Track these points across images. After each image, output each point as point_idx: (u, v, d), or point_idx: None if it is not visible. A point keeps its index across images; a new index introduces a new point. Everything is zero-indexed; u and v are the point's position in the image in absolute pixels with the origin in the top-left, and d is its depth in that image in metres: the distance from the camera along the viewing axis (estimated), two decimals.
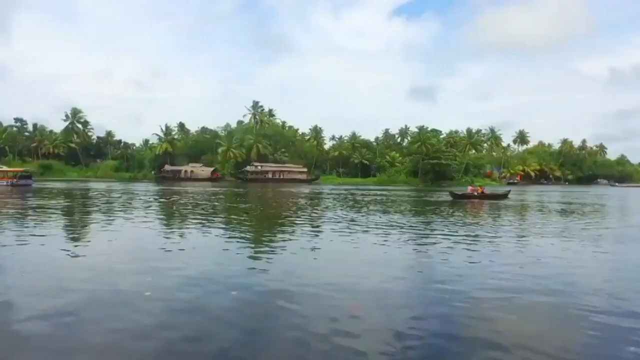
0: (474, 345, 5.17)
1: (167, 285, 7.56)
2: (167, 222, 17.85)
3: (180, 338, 5.26)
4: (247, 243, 12.54)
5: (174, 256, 10.23)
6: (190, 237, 13.37)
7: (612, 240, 14.05)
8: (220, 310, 6.32)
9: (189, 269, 8.78)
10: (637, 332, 5.63)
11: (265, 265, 9.41)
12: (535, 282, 8.13)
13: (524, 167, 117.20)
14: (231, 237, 13.45)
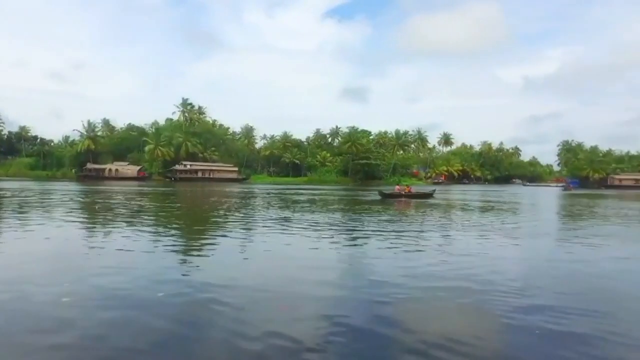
0: (401, 341, 5.28)
1: (87, 290, 7.11)
2: (89, 223, 16.81)
3: (104, 347, 4.95)
4: (175, 244, 12.11)
5: (96, 259, 9.70)
6: (114, 239, 12.67)
7: (525, 235, 15.14)
8: (146, 314, 6.00)
9: (112, 273, 8.28)
10: (545, 317, 6.09)
11: (194, 267, 9.20)
12: (460, 275, 8.54)
13: (448, 167, 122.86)
14: (158, 238, 12.88)
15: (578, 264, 10.24)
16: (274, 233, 14.24)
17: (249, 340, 5.16)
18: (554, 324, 5.80)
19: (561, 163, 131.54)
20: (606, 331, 5.63)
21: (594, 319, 6.07)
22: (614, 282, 8.41)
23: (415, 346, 5.09)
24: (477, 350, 4.99)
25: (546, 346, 5.17)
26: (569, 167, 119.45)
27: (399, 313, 6.36)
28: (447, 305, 6.79)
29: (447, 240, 13.39)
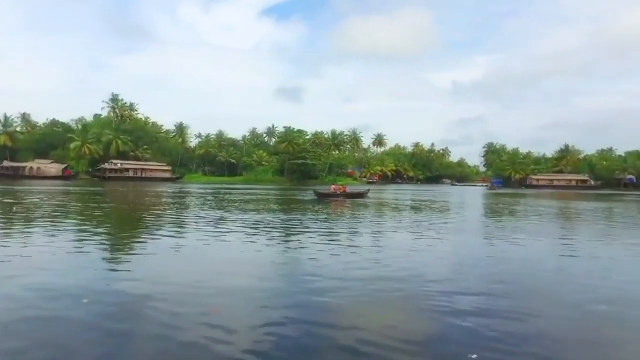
0: (333, 336, 5.37)
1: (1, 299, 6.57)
2: (5, 226, 15.71)
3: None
4: (103, 246, 11.61)
5: (12, 264, 8.87)
6: (34, 243, 11.65)
7: (453, 231, 15.99)
8: (69, 322, 5.64)
9: (31, 278, 7.71)
10: (472, 307, 6.60)
11: (123, 269, 8.80)
12: (392, 271, 8.91)
13: (382, 167, 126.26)
14: (85, 240, 12.14)
15: (500, 258, 10.99)
16: (208, 233, 14.07)
17: (180, 339, 5.11)
18: (478, 316, 6.22)
19: (486, 164, 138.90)
20: (526, 320, 6.16)
21: (517, 312, 6.49)
22: (533, 275, 9.15)
23: (346, 341, 5.21)
24: (406, 344, 5.22)
25: (471, 336, 5.50)
26: (493, 167, 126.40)
27: (332, 309, 6.50)
28: (379, 301, 7.03)
29: (380, 238, 13.88)
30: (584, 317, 6.43)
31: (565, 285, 8.35)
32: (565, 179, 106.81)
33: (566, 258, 11.38)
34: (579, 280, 8.74)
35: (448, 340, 5.39)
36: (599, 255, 11.71)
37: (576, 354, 5.21)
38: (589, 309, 6.71)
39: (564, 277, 9.07)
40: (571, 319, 6.33)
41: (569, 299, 7.34)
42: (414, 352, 5.03)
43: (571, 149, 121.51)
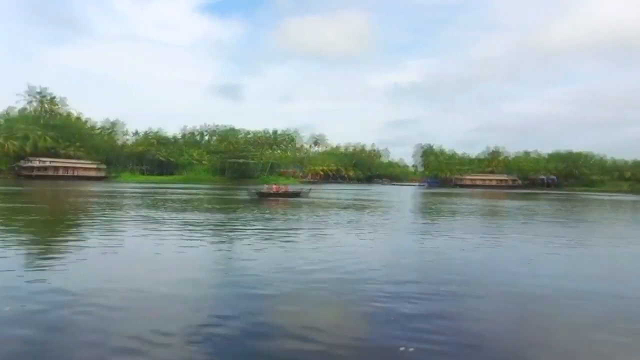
0: (273, 337, 5.40)
1: None
2: None
3: None
4: (29, 250, 10.96)
5: None
6: None
7: (391, 229, 16.51)
8: None
9: None
10: (408, 300, 6.86)
11: (51, 275, 8.18)
12: (331, 268, 9.10)
13: (322, 167, 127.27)
14: (7, 244, 11.32)
15: (436, 253, 11.54)
16: (143, 234, 13.64)
17: (115, 345, 4.97)
18: (414, 309, 6.50)
19: (423, 164, 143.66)
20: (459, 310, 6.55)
21: (450, 304, 6.93)
22: (465, 268, 9.56)
23: (284, 339, 5.32)
24: (344, 339, 5.39)
25: (407, 329, 5.73)
26: (429, 168, 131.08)
27: (271, 307, 6.57)
28: (318, 297, 7.18)
29: (320, 236, 14.07)
30: (510, 305, 6.92)
31: (493, 277, 8.93)
32: (495, 178, 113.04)
33: (494, 251, 12.21)
34: (506, 272, 9.42)
35: (384, 334, 5.58)
36: (524, 249, 12.59)
37: (504, 341, 5.54)
38: (514, 299, 7.25)
39: (492, 270, 9.68)
40: (499, 308, 6.78)
41: (497, 289, 7.88)
42: (351, 346, 5.18)
43: (501, 150, 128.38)
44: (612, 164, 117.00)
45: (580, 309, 6.88)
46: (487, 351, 5.17)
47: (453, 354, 5.02)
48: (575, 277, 9.30)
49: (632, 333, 5.87)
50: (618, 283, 8.77)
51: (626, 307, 7.04)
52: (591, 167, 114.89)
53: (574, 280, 8.88)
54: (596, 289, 8.11)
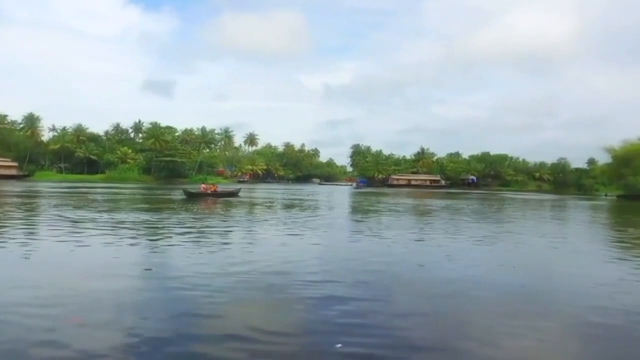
0: (203, 339, 5.34)
1: None
2: None
3: None
4: None
5: None
6: None
7: (322, 228, 16.87)
8: None
9: None
10: (338, 298, 7.14)
11: None
12: (263, 267, 9.20)
13: (253, 166, 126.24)
14: None
15: (365, 251, 11.93)
16: (63, 237, 12.75)
17: (31, 355, 4.74)
18: (344, 306, 6.73)
19: (353, 164, 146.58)
20: (387, 306, 6.93)
21: (379, 300, 7.27)
22: (393, 265, 10.04)
23: (215, 340, 5.28)
24: (276, 337, 5.48)
25: (337, 326, 5.95)
26: (359, 168, 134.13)
27: (201, 307, 6.47)
28: (249, 296, 7.26)
29: (251, 236, 14.12)
30: (436, 300, 7.33)
31: (420, 273, 9.49)
32: (420, 179, 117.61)
33: (420, 249, 12.90)
34: (431, 268, 10.02)
35: (315, 331, 5.76)
36: (447, 245, 13.35)
37: (429, 334, 5.84)
38: (439, 292, 7.73)
39: (418, 266, 10.22)
40: (425, 303, 7.19)
41: (422, 284, 8.39)
42: (283, 345, 5.28)
43: (426, 152, 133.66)
44: (525, 165, 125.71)
45: (491, 299, 7.50)
46: (412, 344, 5.43)
47: (382, 348, 5.20)
48: (491, 270, 10.10)
49: (533, 317, 6.52)
50: (526, 274, 9.73)
51: (528, 294, 7.81)
52: (506, 168, 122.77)
53: (488, 272, 9.67)
54: (512, 281, 8.90)
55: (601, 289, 8.35)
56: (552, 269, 10.64)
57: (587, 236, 17.54)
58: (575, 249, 13.87)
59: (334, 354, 5.03)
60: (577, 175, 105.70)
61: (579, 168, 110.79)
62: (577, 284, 8.86)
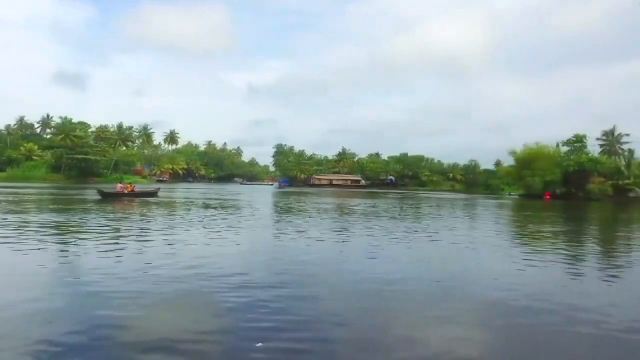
0: (128, 348, 5.23)
1: None
2: None
3: None
4: None
5: None
6: None
7: (244, 228, 17.00)
8: None
9: None
10: (260, 298, 7.42)
11: None
12: (184, 269, 9.24)
13: (173, 165, 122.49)
14: None
15: (287, 251, 12.33)
16: None
17: None
18: (266, 306, 6.92)
19: (276, 164, 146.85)
20: (309, 304, 7.27)
21: (301, 298, 7.62)
22: (316, 264, 10.52)
23: (132, 349, 5.18)
24: (196, 339, 5.53)
25: (258, 326, 6.16)
26: (282, 168, 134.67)
27: (118, 312, 6.30)
28: (169, 299, 7.15)
29: (172, 238, 13.84)
30: (358, 296, 7.76)
31: (341, 270, 9.99)
32: (342, 179, 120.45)
33: (342, 247, 13.54)
34: (353, 265, 10.56)
35: (236, 332, 5.82)
36: (367, 243, 14.01)
37: (350, 330, 6.09)
38: (360, 289, 8.20)
39: (340, 264, 10.80)
40: (346, 300, 7.57)
41: (343, 282, 8.86)
42: (202, 347, 5.33)
43: (348, 152, 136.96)
44: (440, 167, 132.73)
45: (409, 294, 8.07)
46: (334, 340, 5.66)
47: (304, 345, 5.41)
48: (408, 266, 10.84)
49: (449, 310, 7.27)
50: (440, 269, 10.70)
51: (443, 288, 8.56)
52: (423, 169, 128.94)
53: (406, 269, 10.39)
54: (428, 277, 9.66)
55: (505, 281, 9.30)
56: (463, 264, 11.59)
57: (494, 232, 19.11)
58: (484, 244, 15.14)
59: (254, 353, 5.12)
60: (485, 176, 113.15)
61: (487, 169, 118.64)
62: (485, 277, 9.84)
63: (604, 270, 11.24)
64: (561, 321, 6.62)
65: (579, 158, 69.35)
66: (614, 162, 77.36)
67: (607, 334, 6.19)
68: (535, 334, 6.12)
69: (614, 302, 7.86)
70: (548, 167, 68.71)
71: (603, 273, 10.82)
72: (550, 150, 74.28)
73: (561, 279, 9.82)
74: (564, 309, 7.23)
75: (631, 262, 12.63)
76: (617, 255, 14.61)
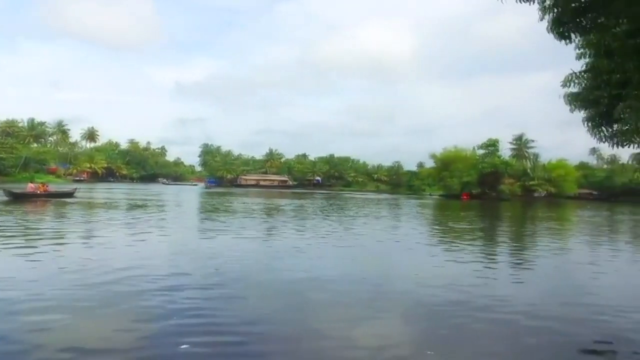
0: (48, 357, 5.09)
1: None
2: None
3: None
4: None
5: None
6: None
7: (169, 228, 16.83)
8: None
9: None
10: (186, 299, 7.57)
11: None
12: (104, 273, 9.00)
13: (92, 164, 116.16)
14: None
15: (214, 252, 12.28)
16: None
17: None
18: (194, 308, 6.88)
19: (202, 164, 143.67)
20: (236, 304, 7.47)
21: (228, 299, 7.79)
22: (241, 264, 10.70)
23: (58, 352, 5.12)
24: (119, 344, 5.50)
25: (185, 328, 6.17)
26: (208, 168, 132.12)
27: (32, 327, 5.89)
28: (90, 309, 6.72)
29: (90, 241, 13.47)
30: (284, 295, 8.07)
31: (269, 269, 10.29)
32: (269, 179, 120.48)
33: (269, 246, 13.91)
34: (280, 264, 10.93)
35: (160, 335, 5.75)
36: (295, 242, 14.47)
37: (279, 328, 6.26)
38: (288, 288, 8.52)
39: (267, 263, 11.10)
40: (274, 298, 7.84)
41: (271, 281, 9.12)
42: (125, 352, 5.27)
43: (275, 153, 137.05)
44: (365, 167, 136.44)
45: (336, 291, 8.46)
46: (262, 340, 5.76)
47: (230, 346, 5.47)
48: (335, 264, 11.39)
49: (375, 304, 7.79)
50: (365, 266, 11.35)
51: (369, 284, 9.11)
52: (349, 170, 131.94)
53: (333, 266, 10.95)
54: (354, 273, 10.21)
55: (426, 276, 10.03)
56: (387, 261, 12.38)
57: (415, 231, 20.28)
58: (406, 242, 16.07)
59: (178, 356, 5.12)
60: (408, 177, 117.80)
61: (410, 170, 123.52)
62: (406, 273, 10.57)
63: (513, 264, 12.55)
64: (475, 311, 7.34)
65: (492, 160, 74.41)
66: (522, 165, 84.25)
67: (512, 319, 6.98)
68: (454, 325, 6.68)
69: (519, 292, 8.99)
70: (465, 168, 73.31)
71: (512, 266, 12.16)
72: (467, 153, 79.20)
73: (475, 273, 10.71)
74: (478, 299, 8.03)
75: (536, 256, 14.04)
76: (523, 249, 16.20)
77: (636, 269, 12.56)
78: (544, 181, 79.09)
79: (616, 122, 7.36)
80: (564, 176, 79.13)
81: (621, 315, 7.31)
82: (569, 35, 5.30)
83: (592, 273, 11.38)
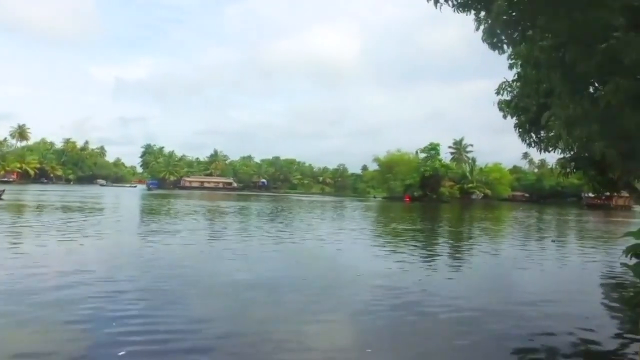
0: None
1: None
2: None
3: None
4: None
5: None
6: None
7: (105, 233, 16.20)
8: None
9: None
10: (125, 305, 7.40)
11: None
12: (34, 282, 8.76)
13: (22, 164, 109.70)
14: None
15: (155, 257, 11.94)
16: None
17: None
18: (135, 315, 6.72)
19: (143, 165, 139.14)
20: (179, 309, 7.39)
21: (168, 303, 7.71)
22: (187, 269, 10.59)
23: None
24: (55, 350, 5.37)
25: (123, 335, 5.94)
26: (150, 169, 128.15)
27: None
28: (22, 320, 6.39)
29: (17, 248, 12.63)
30: (226, 297, 8.06)
31: (212, 273, 10.20)
32: (214, 181, 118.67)
33: (213, 249, 13.76)
34: (221, 267, 10.88)
35: (98, 343, 5.63)
36: (239, 245, 14.33)
37: (223, 333, 6.20)
38: (230, 290, 8.50)
39: (208, 265, 11.06)
40: (217, 301, 7.85)
41: (214, 284, 9.09)
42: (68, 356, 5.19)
43: (220, 154, 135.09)
44: (310, 170, 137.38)
45: (280, 291, 8.63)
46: (204, 345, 5.69)
47: (171, 353, 5.42)
48: (278, 266, 11.53)
49: (316, 304, 7.92)
50: (306, 268, 11.48)
51: (310, 285, 9.24)
52: (295, 172, 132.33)
53: (276, 268, 11.08)
54: (296, 275, 10.35)
55: (369, 275, 10.37)
56: (330, 262, 12.58)
57: (359, 232, 20.63)
58: (349, 243, 16.39)
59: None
60: (353, 179, 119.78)
61: (355, 173, 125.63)
62: (348, 273, 10.83)
63: (448, 263, 13.20)
64: (410, 306, 7.77)
65: (433, 164, 76.92)
66: (461, 168, 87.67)
67: (439, 312, 7.49)
68: (390, 321, 7.00)
69: (450, 288, 9.55)
70: (408, 171, 75.46)
71: (447, 264, 12.82)
72: (410, 157, 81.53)
73: (413, 271, 11.22)
74: (411, 296, 8.50)
75: (470, 255, 14.87)
76: (459, 248, 17.00)
77: (557, 266, 13.44)
78: (481, 184, 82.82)
79: (543, 128, 7.91)
80: (499, 179, 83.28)
81: (536, 308, 8.13)
82: (502, 46, 5.62)
83: (518, 269, 12.56)
